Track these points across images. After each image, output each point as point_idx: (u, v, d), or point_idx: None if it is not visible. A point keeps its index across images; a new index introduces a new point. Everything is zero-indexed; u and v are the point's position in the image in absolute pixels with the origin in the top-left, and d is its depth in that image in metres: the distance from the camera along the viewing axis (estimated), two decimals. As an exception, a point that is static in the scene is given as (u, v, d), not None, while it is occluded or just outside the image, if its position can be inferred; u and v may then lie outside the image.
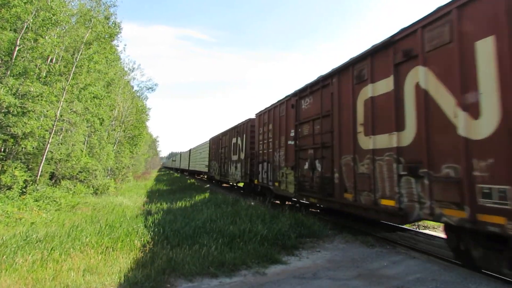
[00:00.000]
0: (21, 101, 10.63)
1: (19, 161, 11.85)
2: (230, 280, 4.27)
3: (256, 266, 4.75)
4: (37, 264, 4.63)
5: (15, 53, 11.14)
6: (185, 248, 5.32)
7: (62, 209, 11.25)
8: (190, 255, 4.92)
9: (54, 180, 14.34)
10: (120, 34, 18.10)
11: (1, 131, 10.40)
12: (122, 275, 4.22)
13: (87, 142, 17.09)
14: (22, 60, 11.52)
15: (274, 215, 7.66)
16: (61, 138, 13.87)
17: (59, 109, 12.62)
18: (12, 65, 11.03)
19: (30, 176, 12.01)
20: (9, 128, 10.35)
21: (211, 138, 22.52)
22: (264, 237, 5.87)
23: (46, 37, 12.23)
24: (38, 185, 12.28)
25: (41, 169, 12.55)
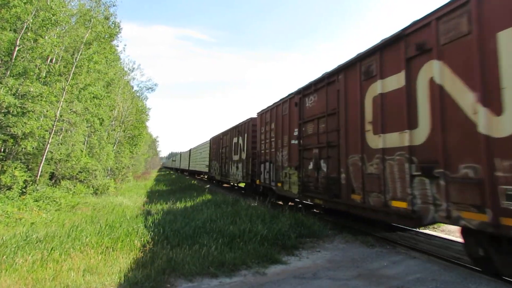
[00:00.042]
0: (21, 101, 10.63)
1: (19, 161, 11.86)
2: (230, 280, 4.27)
3: (256, 266, 4.75)
4: (37, 264, 4.63)
5: (15, 53, 11.14)
6: (185, 248, 5.32)
7: (62, 209, 11.26)
8: (190, 255, 4.92)
9: (54, 180, 14.34)
10: (119, 34, 18.21)
11: (1, 131, 10.40)
12: (122, 275, 4.23)
13: (87, 142, 17.09)
14: (22, 60, 11.52)
15: (274, 215, 7.64)
16: (61, 138, 13.88)
17: (59, 109, 12.63)
18: (12, 65, 11.03)
19: (30, 176, 12.02)
20: (9, 128, 10.35)
21: (212, 138, 22.45)
22: (264, 237, 5.86)
23: (46, 37, 12.24)
24: (38, 185, 12.30)
25: (41, 169, 12.55)
